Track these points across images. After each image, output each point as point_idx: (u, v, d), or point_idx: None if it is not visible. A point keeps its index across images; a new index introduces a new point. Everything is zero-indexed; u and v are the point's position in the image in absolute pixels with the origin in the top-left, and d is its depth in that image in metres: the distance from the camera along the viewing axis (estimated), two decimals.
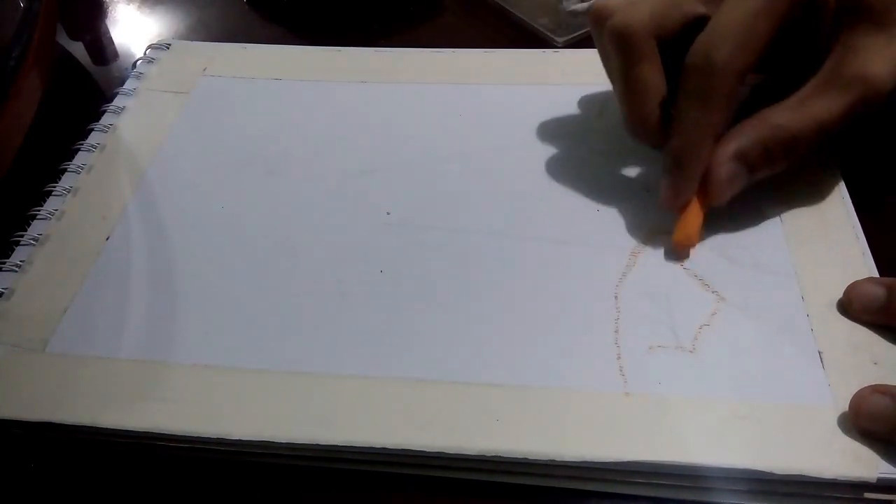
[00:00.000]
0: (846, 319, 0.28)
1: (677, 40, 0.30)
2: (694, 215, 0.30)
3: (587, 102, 0.37)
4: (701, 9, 0.30)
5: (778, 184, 0.32)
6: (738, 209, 0.32)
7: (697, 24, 0.29)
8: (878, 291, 0.27)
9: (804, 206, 0.32)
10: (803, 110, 0.28)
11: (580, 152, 0.35)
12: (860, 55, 0.27)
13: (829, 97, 0.28)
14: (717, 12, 0.28)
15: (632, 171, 0.34)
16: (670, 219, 0.31)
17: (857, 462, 0.24)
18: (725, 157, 0.29)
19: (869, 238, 0.30)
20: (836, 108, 0.28)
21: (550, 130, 0.36)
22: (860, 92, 0.27)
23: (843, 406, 0.25)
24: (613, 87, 0.32)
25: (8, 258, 0.32)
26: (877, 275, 0.29)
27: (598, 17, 0.31)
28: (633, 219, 0.32)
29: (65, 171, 0.36)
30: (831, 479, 0.24)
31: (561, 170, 0.35)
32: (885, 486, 0.24)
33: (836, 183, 0.32)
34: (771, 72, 0.33)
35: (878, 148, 0.34)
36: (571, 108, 0.37)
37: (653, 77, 0.30)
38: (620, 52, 0.30)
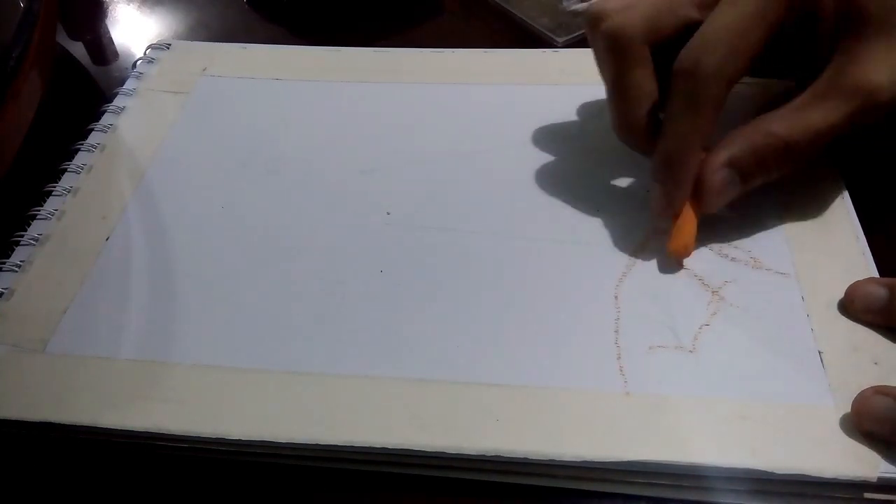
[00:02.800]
0: (846, 319, 0.28)
1: (671, 45, 0.29)
2: (688, 223, 0.30)
3: (587, 102, 0.37)
4: (695, 14, 0.30)
5: (778, 185, 0.33)
6: (739, 209, 0.32)
7: (691, 29, 0.29)
8: (880, 292, 0.27)
9: (804, 206, 0.32)
10: (799, 119, 0.28)
11: (580, 152, 0.35)
12: (860, 64, 0.27)
13: (827, 106, 0.27)
14: (709, 17, 0.28)
15: (632, 171, 0.34)
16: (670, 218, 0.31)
17: (857, 462, 0.24)
18: (718, 164, 0.28)
19: (869, 238, 0.30)
20: (833, 118, 0.27)
21: (550, 130, 0.36)
22: (859, 102, 0.27)
23: (844, 406, 0.25)
24: (606, 91, 0.32)
25: (8, 258, 0.32)
26: (877, 275, 0.29)
27: (592, 20, 0.31)
28: (633, 219, 0.32)
29: (65, 171, 0.36)
30: (832, 478, 0.24)
31: (561, 170, 0.35)
32: (885, 485, 0.24)
33: (836, 184, 0.32)
34: (769, 77, 0.33)
35: (879, 148, 0.34)
36: (571, 108, 0.37)
37: (644, 82, 0.30)
38: (613, 56, 0.30)
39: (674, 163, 0.29)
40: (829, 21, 0.28)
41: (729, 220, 0.31)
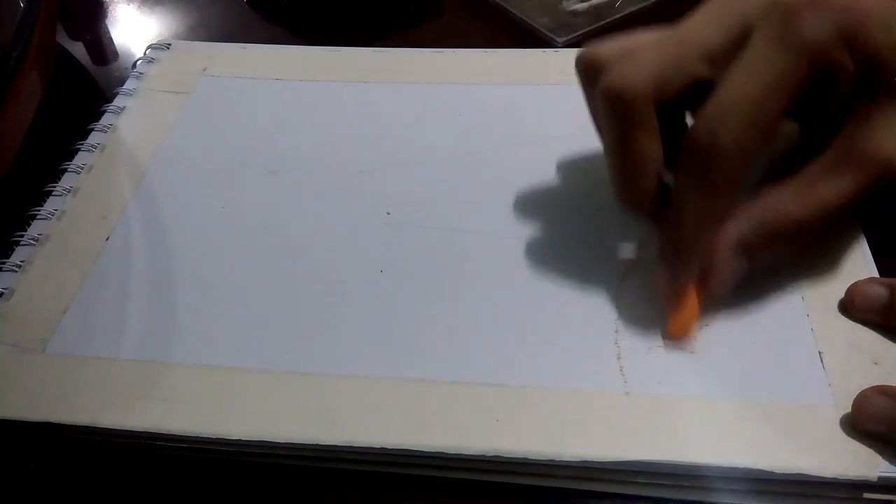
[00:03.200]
0: (846, 319, 0.28)
1: (675, 103, 0.27)
2: (691, 306, 0.27)
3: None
4: (706, 71, 0.26)
5: None
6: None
7: (699, 86, 0.26)
8: (880, 291, 0.27)
9: None
10: (811, 194, 0.26)
11: (580, 152, 0.35)
12: (877, 132, 0.25)
13: (840, 178, 0.25)
14: (723, 83, 0.25)
15: None
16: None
17: (857, 461, 0.24)
18: (727, 248, 0.26)
19: (869, 238, 0.30)
20: (846, 191, 0.25)
21: (550, 130, 0.36)
22: (873, 173, 0.25)
23: (844, 405, 0.25)
24: (604, 150, 0.29)
25: (8, 258, 0.32)
26: (877, 275, 0.29)
27: (589, 70, 0.28)
28: (633, 219, 0.32)
29: (65, 171, 0.36)
30: (832, 478, 0.24)
31: (561, 170, 0.35)
32: (885, 485, 0.24)
33: None
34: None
35: None
36: (571, 108, 0.37)
37: (651, 148, 0.27)
38: (616, 117, 0.27)
39: (686, 244, 0.26)
40: (846, 85, 0.25)
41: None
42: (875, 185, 0.25)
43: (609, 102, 0.27)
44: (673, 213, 0.26)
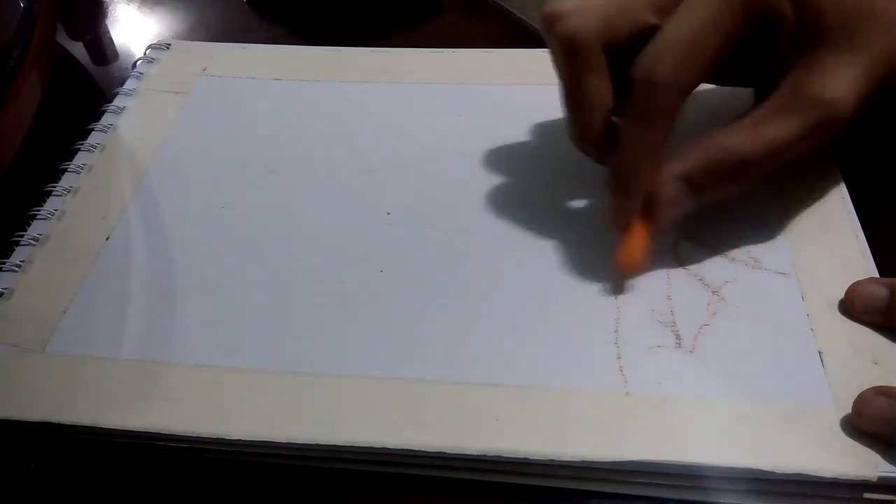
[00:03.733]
0: (846, 319, 0.28)
1: (628, 51, 0.28)
2: (638, 237, 0.29)
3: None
4: (652, 19, 0.28)
5: (778, 184, 0.33)
6: (738, 209, 0.32)
7: (647, 35, 0.28)
8: (880, 292, 0.27)
9: (804, 206, 0.32)
10: (755, 133, 0.27)
11: (580, 152, 0.35)
12: (819, 77, 0.26)
13: (784, 120, 0.27)
14: (664, 25, 0.27)
15: None
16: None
17: (857, 461, 0.24)
18: (670, 178, 0.28)
19: (869, 238, 0.30)
20: (790, 132, 0.27)
21: (550, 130, 0.36)
22: (817, 115, 0.26)
23: (844, 405, 0.25)
24: (560, 95, 0.30)
25: (8, 258, 0.32)
26: (877, 275, 0.29)
27: (547, 21, 0.29)
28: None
29: (65, 171, 0.36)
30: (832, 478, 0.24)
31: (561, 170, 0.35)
32: (885, 485, 0.24)
33: (836, 183, 0.32)
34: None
35: (878, 148, 0.34)
36: None
37: (599, 89, 0.29)
38: (567, 60, 0.29)
39: (627, 174, 0.28)
40: (788, 32, 0.27)
41: (729, 221, 0.31)
42: (818, 129, 0.27)
43: (561, 47, 0.29)
44: (617, 145, 0.28)
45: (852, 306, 0.28)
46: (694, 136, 0.28)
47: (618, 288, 0.29)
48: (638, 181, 0.28)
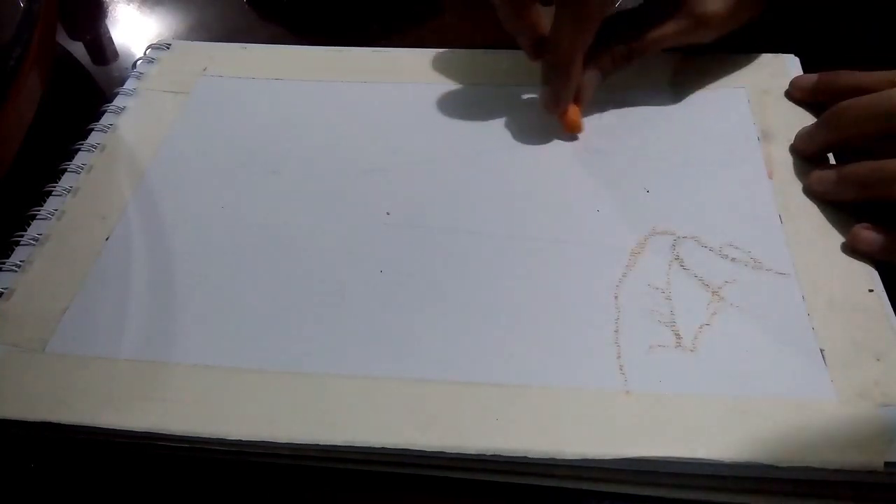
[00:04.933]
0: (847, 318, 0.28)
1: None
2: (575, 112, 0.35)
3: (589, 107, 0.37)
4: None
5: (778, 183, 0.33)
6: (738, 208, 0.32)
7: None
8: (878, 236, 0.30)
9: (804, 206, 0.32)
10: (648, 33, 0.35)
11: (580, 152, 0.35)
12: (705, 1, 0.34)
13: (671, 24, 0.35)
14: None
15: (632, 171, 0.34)
16: (671, 218, 0.31)
17: (861, 452, 0.24)
18: (591, 72, 0.35)
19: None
20: (669, 30, 0.35)
21: (550, 130, 0.36)
22: (693, 22, 0.35)
23: (847, 400, 0.25)
24: None
25: (8, 258, 0.32)
26: (877, 275, 0.29)
27: None
28: (633, 219, 0.32)
29: (65, 171, 0.36)
30: (837, 467, 0.23)
31: (561, 170, 0.35)
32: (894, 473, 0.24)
33: None
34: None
35: (877, 147, 0.34)
36: None
37: None
38: None
39: (563, 69, 0.34)
40: None
41: (729, 221, 0.31)
42: (693, 32, 0.35)
43: None
44: (553, 42, 0.34)
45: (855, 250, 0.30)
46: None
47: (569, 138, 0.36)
48: (574, 74, 0.34)
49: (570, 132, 0.36)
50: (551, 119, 0.36)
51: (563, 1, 0.32)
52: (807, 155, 0.33)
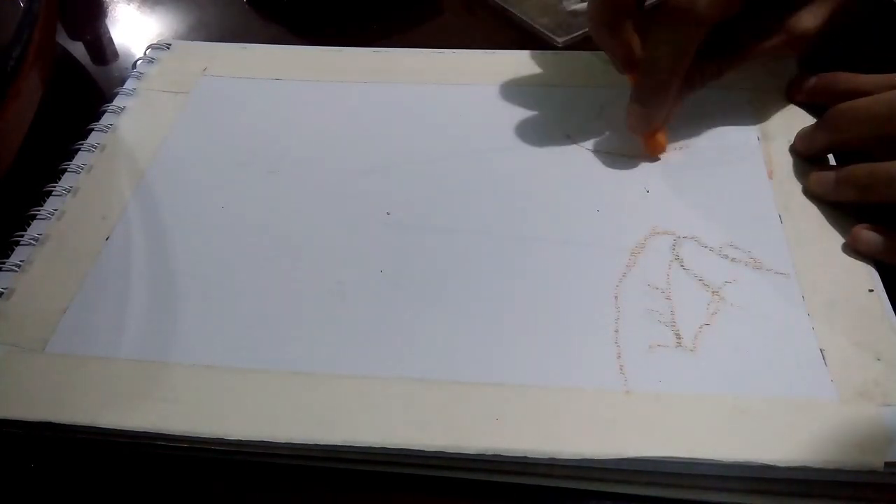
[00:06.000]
0: (848, 318, 0.28)
1: None
2: (661, 132, 0.34)
3: (587, 103, 0.37)
4: None
5: (778, 183, 0.33)
6: (738, 208, 0.32)
7: None
8: (878, 237, 0.29)
9: (804, 206, 0.32)
10: (743, 51, 0.34)
11: (580, 152, 0.35)
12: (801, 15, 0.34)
13: (766, 41, 0.34)
14: None
15: (632, 171, 0.34)
16: (670, 218, 0.32)
17: (862, 452, 0.24)
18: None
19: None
20: (766, 48, 0.34)
21: (550, 131, 0.36)
22: (790, 39, 0.34)
23: (847, 400, 0.25)
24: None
25: (8, 258, 0.32)
26: (877, 274, 0.29)
27: None
28: (633, 219, 0.32)
29: (65, 171, 0.36)
30: (837, 467, 0.24)
31: (561, 170, 0.35)
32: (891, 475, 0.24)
33: None
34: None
35: (877, 149, 0.34)
36: (571, 109, 0.37)
37: None
38: None
39: (660, 91, 0.32)
40: None
41: (729, 221, 0.31)
42: (788, 46, 0.34)
43: None
44: (649, 62, 0.32)
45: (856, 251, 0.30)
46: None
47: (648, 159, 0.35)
48: (668, 98, 0.32)
49: (654, 154, 0.35)
50: (552, 118, 0.36)
51: (666, 20, 0.31)
52: (806, 156, 0.33)
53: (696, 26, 0.30)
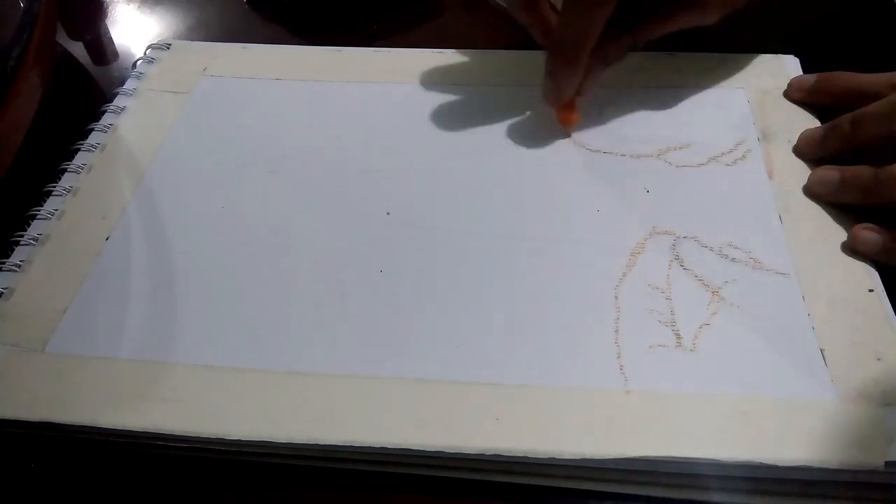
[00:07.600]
0: (848, 318, 0.28)
1: None
2: (571, 104, 0.35)
3: (587, 102, 0.37)
4: None
5: (778, 183, 0.33)
6: (738, 208, 0.32)
7: None
8: (877, 238, 0.29)
9: (804, 206, 0.32)
10: (652, 21, 0.35)
11: (580, 152, 0.35)
12: None
13: (673, 9, 0.35)
14: None
15: (632, 171, 0.34)
16: (671, 218, 0.31)
17: (862, 451, 0.24)
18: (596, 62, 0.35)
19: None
20: (673, 16, 0.35)
21: (550, 130, 0.36)
22: (695, 4, 0.34)
23: (847, 400, 0.25)
24: None
25: (8, 258, 0.32)
26: (877, 274, 0.29)
27: None
28: (633, 219, 0.32)
29: (65, 171, 0.36)
30: (837, 467, 0.24)
31: (561, 170, 0.35)
32: (893, 472, 0.24)
33: None
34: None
35: (882, 150, 0.34)
36: None
37: None
38: None
39: (568, 61, 0.33)
40: None
41: (729, 221, 0.31)
42: (696, 13, 0.34)
43: None
44: (555, 37, 0.33)
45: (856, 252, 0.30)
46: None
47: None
48: (580, 66, 0.33)
49: (565, 127, 0.36)
50: (551, 116, 0.36)
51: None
52: (813, 159, 0.33)
53: (601, 2, 0.31)
